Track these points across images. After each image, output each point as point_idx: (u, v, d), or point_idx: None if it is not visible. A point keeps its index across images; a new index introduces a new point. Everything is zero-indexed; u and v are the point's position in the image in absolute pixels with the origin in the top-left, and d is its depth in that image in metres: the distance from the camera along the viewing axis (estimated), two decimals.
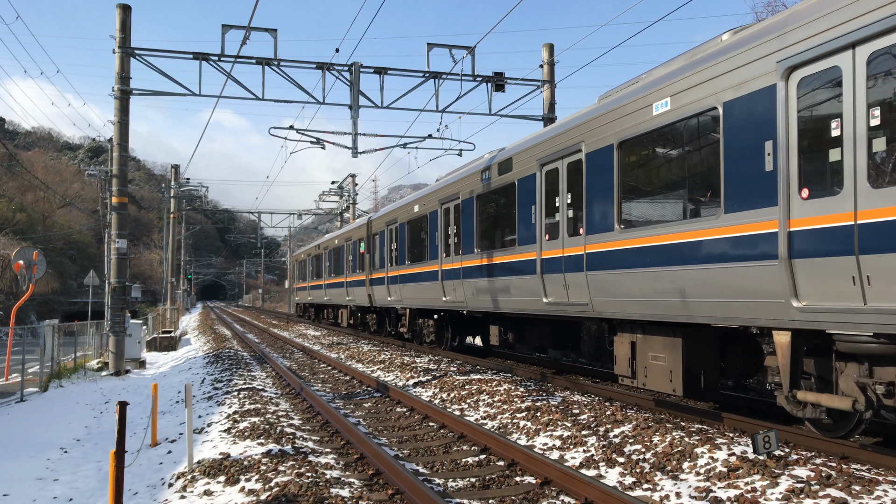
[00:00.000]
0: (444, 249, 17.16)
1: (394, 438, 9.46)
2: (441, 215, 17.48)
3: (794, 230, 7.00)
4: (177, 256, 57.37)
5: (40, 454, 9.54)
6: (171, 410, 12.61)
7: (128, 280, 20.24)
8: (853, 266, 6.37)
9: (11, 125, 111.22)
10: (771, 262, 7.20)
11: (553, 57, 22.19)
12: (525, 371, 14.43)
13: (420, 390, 13.37)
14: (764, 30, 7.51)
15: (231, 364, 18.98)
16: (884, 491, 5.80)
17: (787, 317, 7.07)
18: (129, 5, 19.03)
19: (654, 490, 6.52)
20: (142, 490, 7.56)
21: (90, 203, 64.01)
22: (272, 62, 19.40)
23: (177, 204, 50.36)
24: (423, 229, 18.91)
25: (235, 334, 34.72)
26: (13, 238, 47.67)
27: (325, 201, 49.12)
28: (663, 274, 8.82)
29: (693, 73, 8.42)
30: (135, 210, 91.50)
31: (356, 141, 19.97)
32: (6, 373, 18.70)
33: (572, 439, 8.45)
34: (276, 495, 6.45)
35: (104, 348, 21.55)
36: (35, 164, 70.21)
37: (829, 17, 6.61)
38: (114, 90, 18.86)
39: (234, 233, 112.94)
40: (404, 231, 20.63)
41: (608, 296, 10.08)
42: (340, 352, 22.14)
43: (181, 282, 64.10)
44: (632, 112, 9.53)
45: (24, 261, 20.79)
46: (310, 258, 39.34)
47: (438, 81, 20.85)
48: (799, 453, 7.09)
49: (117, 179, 19.42)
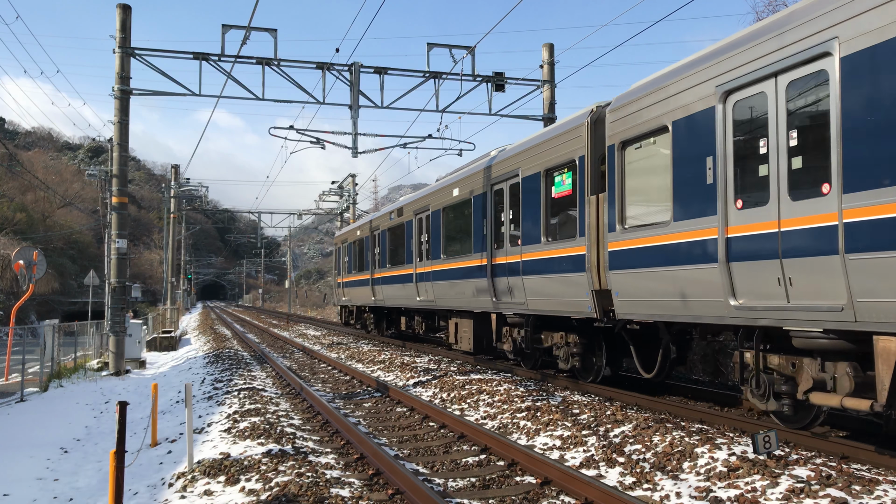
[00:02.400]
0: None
1: (394, 438, 9.46)
2: None
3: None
4: (177, 256, 57.40)
5: (40, 454, 9.54)
6: (172, 410, 12.61)
7: (128, 280, 20.24)
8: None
9: (11, 125, 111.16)
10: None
11: (553, 57, 22.20)
12: (525, 371, 14.44)
13: (420, 390, 13.37)
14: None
15: (231, 364, 18.98)
16: (884, 491, 5.80)
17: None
18: (129, 5, 19.03)
19: (655, 490, 6.52)
20: (142, 490, 7.56)
21: (90, 203, 64.05)
22: (272, 62, 19.40)
23: (177, 204, 50.37)
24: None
25: (235, 334, 34.73)
26: (13, 238, 47.67)
27: (325, 201, 49.10)
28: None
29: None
30: (135, 210, 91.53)
31: (356, 141, 19.99)
32: (6, 373, 18.70)
33: (572, 439, 8.45)
34: (276, 495, 6.45)
35: (104, 348, 21.54)
36: (35, 164, 70.19)
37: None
38: (114, 90, 18.86)
39: (234, 233, 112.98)
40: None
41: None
42: (340, 352, 22.14)
43: (181, 282, 64.12)
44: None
45: (25, 261, 20.80)
46: (378, 235, 24.12)
47: (438, 81, 20.85)
48: (799, 453, 7.09)
49: (117, 179, 19.42)
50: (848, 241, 6.35)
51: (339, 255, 31.80)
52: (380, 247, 23.57)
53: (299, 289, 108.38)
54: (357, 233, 27.62)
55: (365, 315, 28.95)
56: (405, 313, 23.35)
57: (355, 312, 31.15)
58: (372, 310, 27.53)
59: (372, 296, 24.80)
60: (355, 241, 27.76)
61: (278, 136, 21.00)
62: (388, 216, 22.69)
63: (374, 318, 27.57)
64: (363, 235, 26.27)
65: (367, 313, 28.59)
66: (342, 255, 30.70)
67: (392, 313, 25.65)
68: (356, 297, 27.86)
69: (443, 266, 17.31)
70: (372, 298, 24.92)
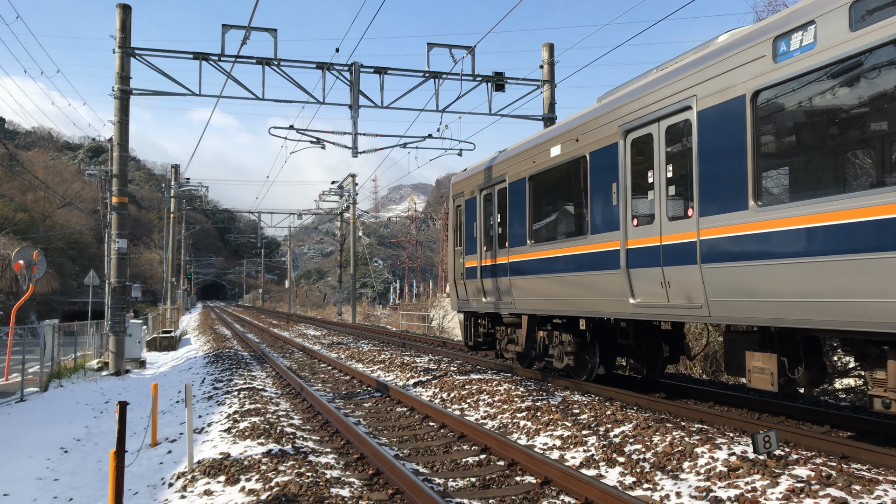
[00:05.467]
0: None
1: (394, 438, 9.46)
2: None
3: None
4: (177, 256, 57.40)
5: (40, 454, 9.54)
6: (172, 410, 12.61)
7: (128, 280, 20.25)
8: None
9: (11, 125, 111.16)
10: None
11: (553, 57, 22.20)
12: (525, 371, 14.43)
13: (420, 390, 13.38)
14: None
15: (231, 364, 18.98)
16: (884, 491, 5.80)
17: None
18: (129, 5, 19.03)
19: (655, 490, 6.52)
20: (142, 490, 7.56)
21: (90, 203, 63.99)
22: (272, 62, 19.41)
23: (177, 204, 50.38)
24: None
25: (235, 334, 34.73)
26: (13, 238, 47.66)
27: (325, 201, 49.11)
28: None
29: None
30: (135, 210, 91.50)
31: (356, 141, 19.98)
32: (6, 373, 18.70)
33: (572, 439, 8.45)
34: (276, 495, 6.45)
35: (104, 348, 21.55)
36: (35, 164, 70.20)
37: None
38: (114, 90, 18.87)
39: (234, 233, 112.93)
40: None
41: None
42: (340, 351, 22.14)
43: (181, 281, 64.12)
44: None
45: (25, 261, 20.80)
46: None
47: (438, 81, 20.85)
48: (799, 453, 7.09)
49: (117, 179, 19.43)
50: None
51: (465, 212, 15.64)
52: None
53: (299, 289, 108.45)
54: (526, 164, 12.82)
55: (539, 333, 13.24)
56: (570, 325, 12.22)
57: (505, 326, 14.49)
58: (560, 325, 12.65)
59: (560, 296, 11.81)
60: (515, 183, 13.23)
61: (278, 136, 20.98)
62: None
63: (566, 341, 12.31)
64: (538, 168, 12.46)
65: (544, 329, 13.11)
66: (477, 214, 14.95)
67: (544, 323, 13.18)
68: (528, 293, 12.67)
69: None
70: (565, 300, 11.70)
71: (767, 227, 7.27)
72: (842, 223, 6.39)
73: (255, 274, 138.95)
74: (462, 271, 15.71)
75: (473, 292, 15.12)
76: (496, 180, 13.94)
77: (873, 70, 6.30)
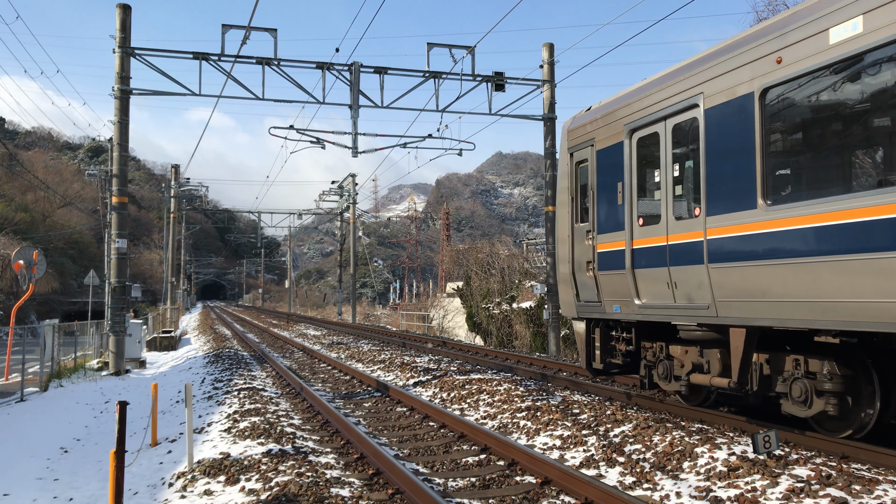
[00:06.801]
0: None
1: (394, 438, 9.46)
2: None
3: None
4: (177, 256, 57.41)
5: (40, 454, 9.54)
6: (171, 410, 12.61)
7: (128, 280, 20.25)
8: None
9: (11, 125, 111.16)
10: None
11: (553, 57, 22.21)
12: (525, 371, 14.44)
13: (420, 390, 13.38)
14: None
15: (231, 364, 18.98)
16: (884, 490, 5.80)
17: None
18: (129, 5, 19.04)
19: (655, 490, 6.52)
20: (142, 490, 7.56)
21: (90, 203, 63.98)
22: (272, 62, 19.41)
23: (177, 204, 50.38)
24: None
25: (235, 334, 34.73)
26: (13, 238, 47.66)
27: (325, 201, 49.12)
28: None
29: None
30: (135, 210, 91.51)
31: (356, 141, 20.00)
32: (6, 373, 18.70)
33: (572, 439, 8.45)
34: (276, 495, 6.45)
35: (104, 348, 21.56)
36: (35, 164, 70.17)
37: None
38: (114, 90, 18.87)
39: (234, 233, 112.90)
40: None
41: None
42: (340, 351, 22.14)
43: (181, 281, 64.12)
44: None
45: (25, 261, 20.80)
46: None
47: (438, 81, 20.86)
48: (799, 453, 7.09)
49: (117, 179, 19.43)
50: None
51: (598, 170, 10.53)
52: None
53: (299, 289, 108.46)
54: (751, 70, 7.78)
55: (759, 356, 8.12)
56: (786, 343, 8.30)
57: (683, 345, 9.30)
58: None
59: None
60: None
61: (278, 136, 21.01)
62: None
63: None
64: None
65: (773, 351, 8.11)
66: (626, 170, 9.77)
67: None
68: (751, 290, 7.48)
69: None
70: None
71: None
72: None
73: (255, 274, 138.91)
74: (591, 258, 10.49)
75: (614, 289, 9.98)
76: (672, 109, 8.70)
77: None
